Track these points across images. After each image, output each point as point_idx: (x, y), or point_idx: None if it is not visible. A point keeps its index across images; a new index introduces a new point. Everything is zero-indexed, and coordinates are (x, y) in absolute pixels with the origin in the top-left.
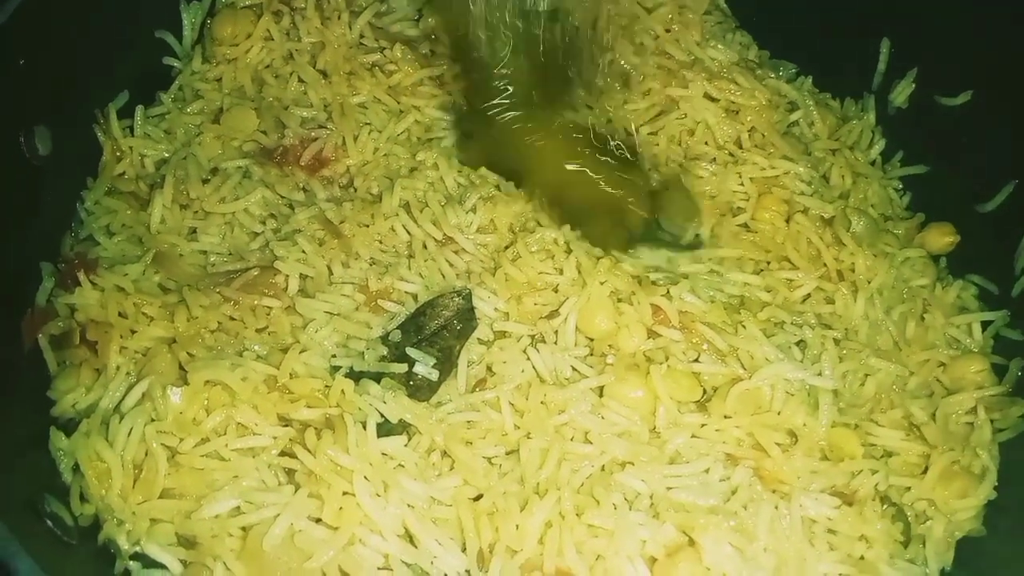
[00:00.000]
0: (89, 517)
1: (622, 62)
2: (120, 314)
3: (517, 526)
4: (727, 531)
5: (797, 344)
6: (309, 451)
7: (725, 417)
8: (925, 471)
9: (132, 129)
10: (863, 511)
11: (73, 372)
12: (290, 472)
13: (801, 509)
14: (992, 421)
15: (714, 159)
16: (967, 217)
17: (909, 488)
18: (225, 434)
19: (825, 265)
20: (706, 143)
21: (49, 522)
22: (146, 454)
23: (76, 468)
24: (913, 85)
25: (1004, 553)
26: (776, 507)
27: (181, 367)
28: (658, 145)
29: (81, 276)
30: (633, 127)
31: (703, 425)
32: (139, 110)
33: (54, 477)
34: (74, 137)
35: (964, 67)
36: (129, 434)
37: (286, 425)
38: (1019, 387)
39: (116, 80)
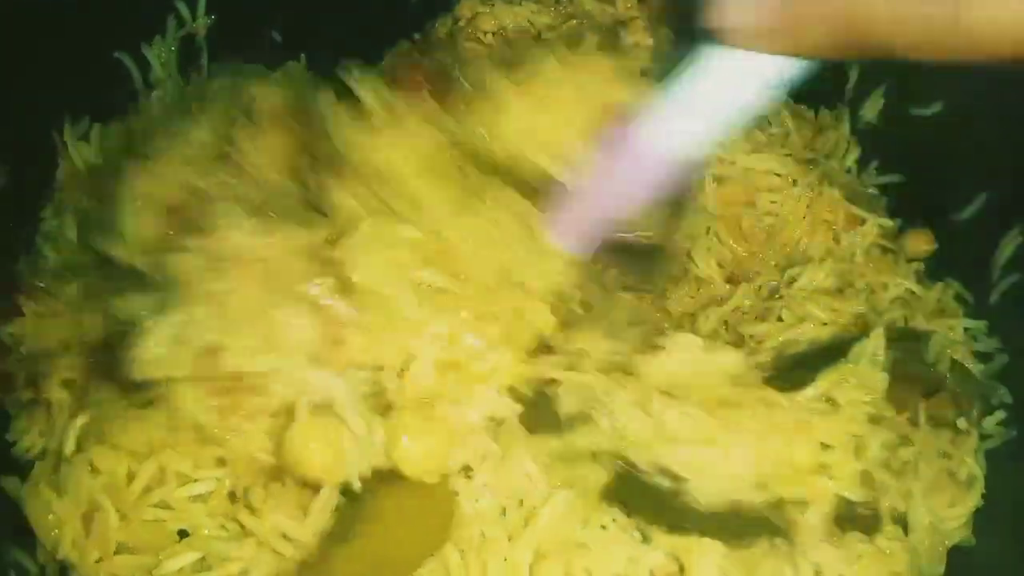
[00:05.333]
0: (55, 565)
1: None
2: (62, 345)
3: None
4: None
5: None
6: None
7: None
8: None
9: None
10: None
11: (27, 411)
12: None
13: None
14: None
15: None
16: (943, 226)
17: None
18: (165, 484)
19: None
20: None
21: (13, 572)
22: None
23: None
24: (882, 100)
25: (993, 562)
26: None
27: None
28: None
29: (23, 301)
30: None
31: None
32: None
33: (19, 522)
34: (31, 167)
35: (935, 78)
36: (78, 483)
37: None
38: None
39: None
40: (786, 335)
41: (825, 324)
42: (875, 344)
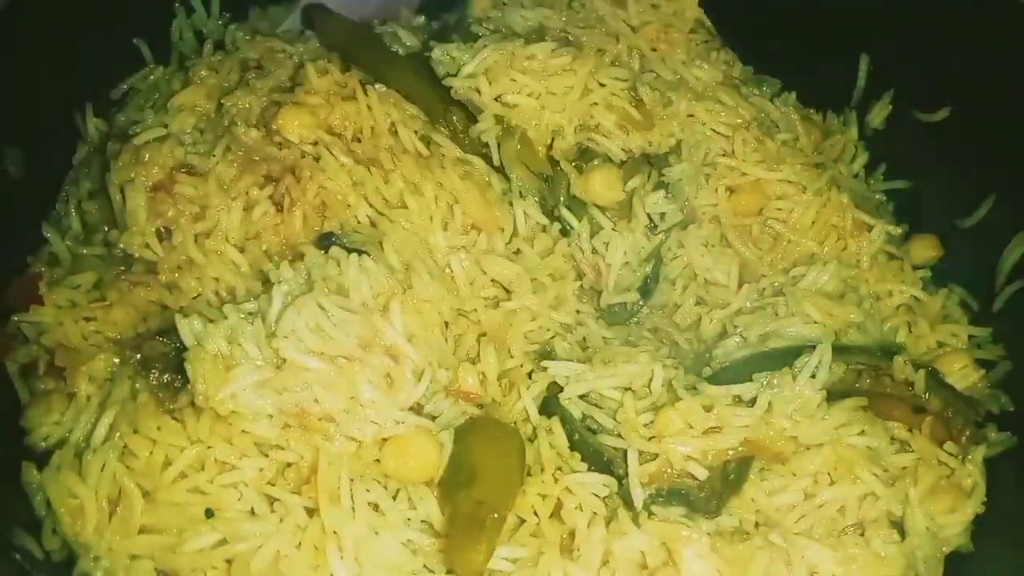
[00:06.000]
0: (62, 552)
1: None
2: (84, 337)
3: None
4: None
5: None
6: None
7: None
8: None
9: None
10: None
11: (45, 400)
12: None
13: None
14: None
15: (707, 176)
16: (948, 232)
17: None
18: (203, 470)
19: None
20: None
21: (17, 555)
22: (120, 492)
23: (50, 502)
24: (890, 107)
25: (991, 569)
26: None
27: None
28: None
29: (43, 289)
30: None
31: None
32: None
33: (25, 509)
34: (47, 156)
35: (942, 84)
36: (102, 469)
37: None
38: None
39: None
40: (771, 326)
41: (815, 323)
42: (818, 359)
